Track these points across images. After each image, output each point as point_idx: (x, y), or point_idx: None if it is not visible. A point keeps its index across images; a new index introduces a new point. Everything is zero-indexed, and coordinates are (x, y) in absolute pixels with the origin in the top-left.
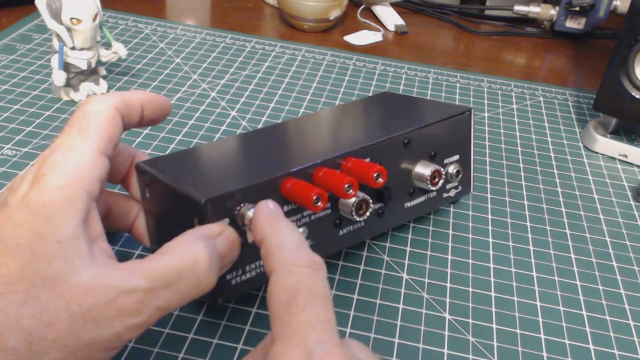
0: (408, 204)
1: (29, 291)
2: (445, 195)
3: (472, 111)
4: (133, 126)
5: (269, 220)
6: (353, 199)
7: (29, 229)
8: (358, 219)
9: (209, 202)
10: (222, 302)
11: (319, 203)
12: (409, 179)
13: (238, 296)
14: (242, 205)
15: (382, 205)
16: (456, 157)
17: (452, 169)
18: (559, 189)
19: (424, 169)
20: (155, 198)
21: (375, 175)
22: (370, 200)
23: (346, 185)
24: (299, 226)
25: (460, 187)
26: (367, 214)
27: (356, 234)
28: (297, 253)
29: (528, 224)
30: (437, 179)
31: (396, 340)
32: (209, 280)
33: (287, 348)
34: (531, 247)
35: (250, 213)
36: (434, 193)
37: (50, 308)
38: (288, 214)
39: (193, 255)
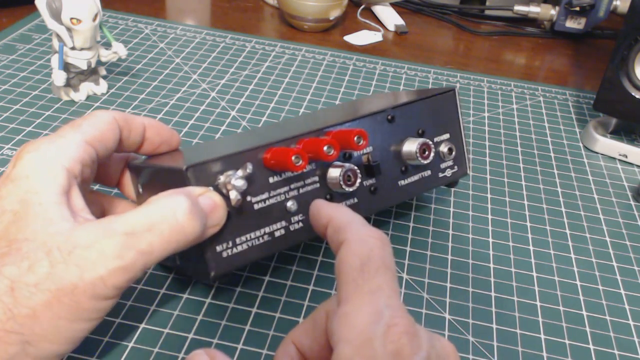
0: (402, 182)
1: (11, 245)
2: (441, 175)
3: (456, 90)
4: (134, 145)
5: (331, 205)
6: (339, 170)
7: (12, 199)
8: (347, 190)
9: (191, 169)
10: (215, 275)
11: (300, 162)
12: (399, 157)
13: (231, 271)
14: (224, 174)
15: (373, 181)
16: (446, 136)
17: (443, 147)
18: (559, 189)
19: (411, 144)
20: (148, 193)
21: (356, 138)
22: (358, 170)
23: (326, 146)
24: (288, 199)
25: (455, 167)
26: (357, 184)
27: None
28: (367, 227)
29: (528, 224)
30: (427, 152)
31: None
32: (192, 226)
33: (358, 308)
34: (531, 247)
35: (233, 180)
36: (429, 172)
37: (30, 256)
38: (275, 186)
39: (172, 203)
